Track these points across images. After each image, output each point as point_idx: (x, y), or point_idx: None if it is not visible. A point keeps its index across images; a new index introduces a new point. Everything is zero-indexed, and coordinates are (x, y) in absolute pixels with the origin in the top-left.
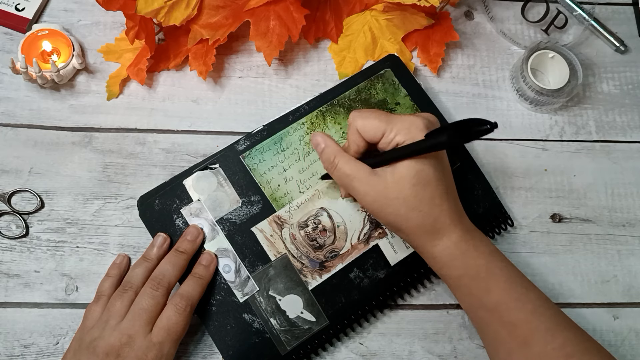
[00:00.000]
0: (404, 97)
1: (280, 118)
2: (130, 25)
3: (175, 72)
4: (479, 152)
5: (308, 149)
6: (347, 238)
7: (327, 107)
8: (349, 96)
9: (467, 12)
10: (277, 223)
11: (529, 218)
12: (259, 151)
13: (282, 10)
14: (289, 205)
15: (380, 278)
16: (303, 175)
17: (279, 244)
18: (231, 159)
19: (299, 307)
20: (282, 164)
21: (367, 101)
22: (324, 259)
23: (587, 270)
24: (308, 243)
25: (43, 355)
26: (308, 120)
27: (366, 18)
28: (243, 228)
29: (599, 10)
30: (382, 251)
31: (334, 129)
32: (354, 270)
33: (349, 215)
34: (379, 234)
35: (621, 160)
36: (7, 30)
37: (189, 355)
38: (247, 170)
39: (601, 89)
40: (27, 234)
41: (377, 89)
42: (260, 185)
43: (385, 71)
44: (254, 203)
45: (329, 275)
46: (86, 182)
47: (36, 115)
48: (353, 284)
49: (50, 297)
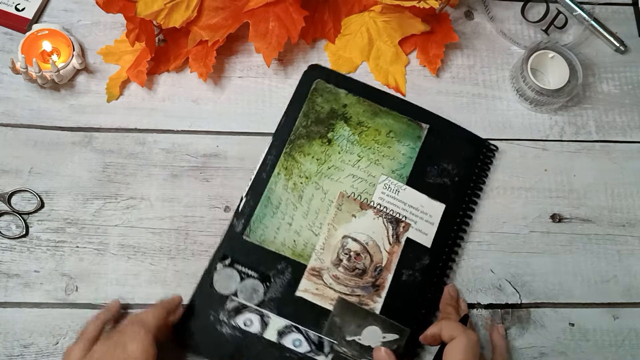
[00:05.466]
0: (345, 95)
1: (255, 179)
2: (130, 28)
3: (175, 72)
4: None
5: (298, 192)
6: (380, 249)
7: (289, 146)
8: (301, 124)
9: (467, 12)
10: (315, 275)
11: (529, 218)
12: (257, 222)
13: (282, 12)
14: (314, 252)
15: (427, 264)
16: (309, 218)
17: (327, 292)
18: (236, 243)
19: (379, 335)
20: (284, 221)
21: (319, 119)
22: (373, 279)
23: (587, 270)
24: (351, 274)
25: (42, 355)
26: (280, 167)
27: (364, 19)
28: (288, 298)
29: (599, 10)
30: (415, 240)
31: (307, 161)
32: (402, 272)
33: (370, 227)
34: (403, 227)
35: (621, 160)
36: (7, 30)
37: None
38: (256, 245)
39: (601, 89)
40: (27, 234)
41: (320, 103)
42: (277, 252)
43: (316, 83)
44: (282, 270)
45: (386, 291)
46: (86, 182)
47: (36, 115)
48: (410, 284)
49: (50, 297)
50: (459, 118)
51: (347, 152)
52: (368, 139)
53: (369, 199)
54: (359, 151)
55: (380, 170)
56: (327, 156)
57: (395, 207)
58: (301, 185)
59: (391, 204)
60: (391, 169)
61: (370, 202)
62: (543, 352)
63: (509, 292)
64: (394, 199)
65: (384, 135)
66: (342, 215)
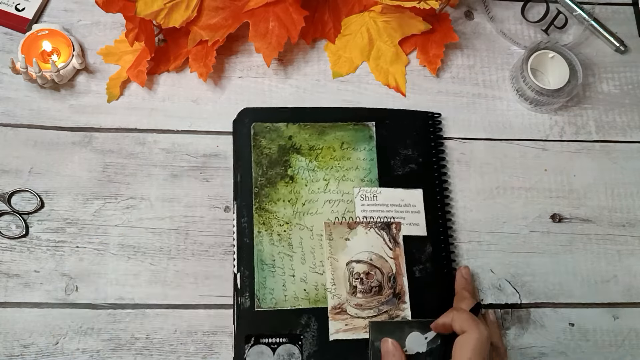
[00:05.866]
0: (287, 127)
1: (239, 249)
2: (130, 28)
3: (175, 72)
4: (479, 152)
5: (285, 240)
6: (385, 258)
7: (256, 201)
8: (258, 174)
9: (467, 12)
10: (339, 312)
11: (529, 218)
12: (261, 289)
13: (282, 12)
14: (328, 292)
15: (431, 252)
16: (308, 261)
17: (357, 322)
18: (252, 320)
19: (420, 338)
20: (286, 275)
21: (272, 161)
22: (392, 289)
23: (587, 270)
24: (371, 295)
25: (42, 355)
26: (258, 225)
27: (364, 19)
28: (325, 346)
29: (599, 10)
30: (412, 235)
31: (280, 207)
32: (414, 270)
33: (366, 243)
34: (395, 228)
35: (621, 160)
36: (7, 30)
37: (189, 356)
38: (272, 311)
39: (601, 89)
40: (27, 234)
41: (266, 146)
42: (294, 307)
43: (253, 128)
44: (307, 323)
45: (408, 295)
46: (86, 182)
47: (36, 115)
48: (425, 277)
49: (50, 297)
50: (459, 118)
51: (312, 181)
52: (326, 160)
53: (353, 216)
54: (323, 175)
55: (351, 184)
56: (296, 194)
57: (380, 212)
58: (285, 233)
59: (375, 211)
60: (360, 178)
61: (356, 218)
62: (543, 352)
63: (509, 292)
64: (375, 205)
65: (339, 150)
66: (336, 244)
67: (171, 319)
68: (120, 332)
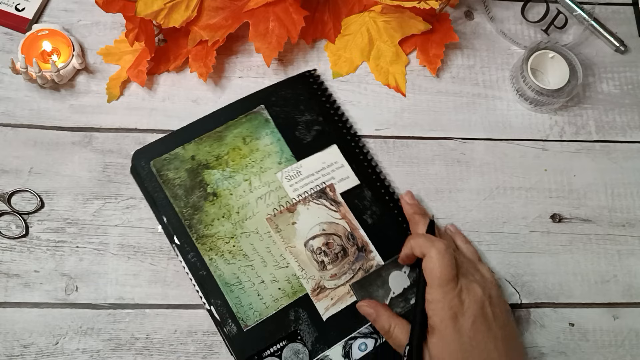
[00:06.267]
0: (184, 150)
1: (201, 286)
2: (130, 28)
3: (175, 72)
4: (479, 152)
5: (239, 254)
6: (335, 222)
7: (193, 232)
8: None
9: (467, 12)
10: (319, 291)
11: (529, 218)
12: (240, 310)
13: (282, 12)
14: (301, 279)
15: (371, 195)
16: (269, 263)
17: (340, 292)
18: (245, 341)
19: (401, 276)
20: (256, 284)
21: (188, 188)
22: (355, 246)
23: (587, 270)
24: (339, 262)
25: (42, 355)
26: (206, 253)
27: (364, 19)
28: (323, 328)
29: (599, 10)
30: (347, 189)
31: (217, 226)
32: (365, 219)
33: (312, 217)
34: (330, 190)
35: (621, 160)
36: (7, 30)
37: (189, 356)
38: (260, 323)
39: (601, 89)
40: (27, 234)
41: (174, 177)
42: (279, 309)
43: (153, 165)
44: (297, 316)
45: (371, 243)
46: (86, 182)
47: (36, 115)
48: (378, 221)
49: (50, 297)
50: (459, 118)
51: (235, 187)
52: (237, 161)
53: (288, 200)
54: (242, 177)
55: (272, 172)
56: (227, 206)
57: (310, 183)
58: (235, 247)
59: (305, 185)
60: (277, 162)
61: (292, 200)
62: (543, 352)
63: (509, 292)
64: (302, 179)
65: (244, 147)
66: (286, 233)
67: (171, 319)
68: (120, 332)
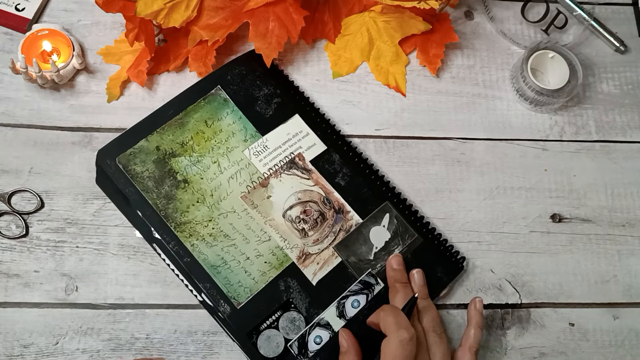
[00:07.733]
0: (148, 142)
1: (187, 273)
2: (129, 28)
3: (175, 72)
4: (479, 152)
5: (221, 235)
6: (309, 189)
7: (171, 222)
8: (153, 198)
9: (467, 13)
10: (305, 258)
11: (529, 218)
12: (230, 289)
13: (282, 12)
14: (284, 249)
15: (339, 158)
16: (252, 240)
17: (325, 254)
18: (241, 319)
19: (380, 229)
20: (242, 262)
21: (157, 179)
22: (332, 209)
23: (587, 270)
24: (319, 227)
25: (42, 355)
26: (187, 240)
27: (364, 19)
28: (315, 292)
29: (599, 10)
30: (316, 155)
31: (194, 211)
32: (338, 182)
33: (286, 188)
34: (299, 159)
35: (621, 160)
36: (7, 30)
37: (189, 356)
38: (252, 298)
39: (601, 89)
40: (27, 234)
41: (143, 170)
42: (268, 282)
43: (119, 161)
44: (287, 286)
45: (347, 204)
46: (86, 182)
47: (36, 115)
48: (351, 182)
49: (50, 297)
50: (459, 118)
51: (204, 171)
52: (203, 145)
53: (260, 176)
54: (210, 160)
55: (239, 151)
56: (200, 191)
57: (278, 156)
58: (215, 230)
59: (274, 158)
60: (242, 140)
61: (263, 175)
62: (543, 352)
63: (509, 292)
64: (270, 153)
65: (207, 129)
66: (263, 207)
67: (171, 319)
68: (120, 332)
